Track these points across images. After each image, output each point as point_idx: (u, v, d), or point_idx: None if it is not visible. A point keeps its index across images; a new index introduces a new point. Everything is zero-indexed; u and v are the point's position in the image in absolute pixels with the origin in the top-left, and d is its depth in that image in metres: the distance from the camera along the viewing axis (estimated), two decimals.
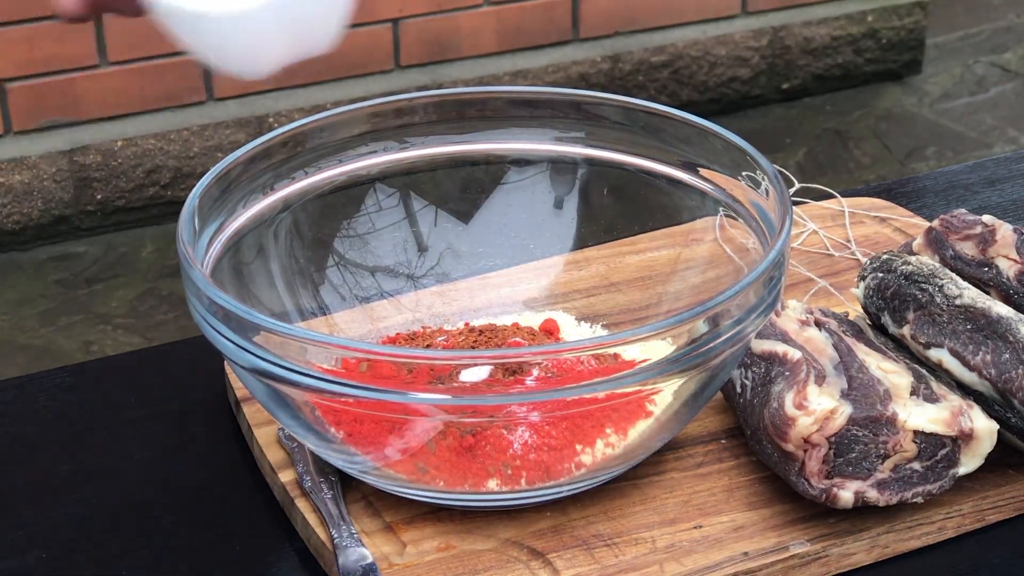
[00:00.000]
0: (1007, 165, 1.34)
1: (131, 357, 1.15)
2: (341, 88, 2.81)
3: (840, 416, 0.85)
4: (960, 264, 0.97)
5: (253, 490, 0.94)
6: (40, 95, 2.62)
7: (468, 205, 1.06)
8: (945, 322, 0.90)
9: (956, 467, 0.87)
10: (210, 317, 0.83)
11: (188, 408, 1.02)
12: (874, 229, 1.19)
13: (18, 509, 0.93)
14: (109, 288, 2.57)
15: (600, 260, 1.08)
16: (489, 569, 0.85)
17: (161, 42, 2.81)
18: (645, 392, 0.85)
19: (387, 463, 0.87)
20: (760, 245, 0.93)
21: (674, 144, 1.00)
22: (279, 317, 0.96)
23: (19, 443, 1.00)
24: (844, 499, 0.85)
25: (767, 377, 0.90)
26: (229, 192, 0.94)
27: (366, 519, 0.89)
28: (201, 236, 0.91)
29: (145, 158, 2.70)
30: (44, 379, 1.06)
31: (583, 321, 1.04)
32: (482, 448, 0.86)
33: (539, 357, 0.85)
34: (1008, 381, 0.87)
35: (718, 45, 3.10)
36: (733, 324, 0.83)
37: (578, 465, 0.87)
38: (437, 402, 0.81)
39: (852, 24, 3.22)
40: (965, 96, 3.26)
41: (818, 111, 3.19)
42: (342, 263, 1.04)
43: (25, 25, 2.57)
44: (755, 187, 0.94)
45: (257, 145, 0.96)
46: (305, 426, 0.87)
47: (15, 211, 2.64)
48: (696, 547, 0.86)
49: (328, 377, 0.80)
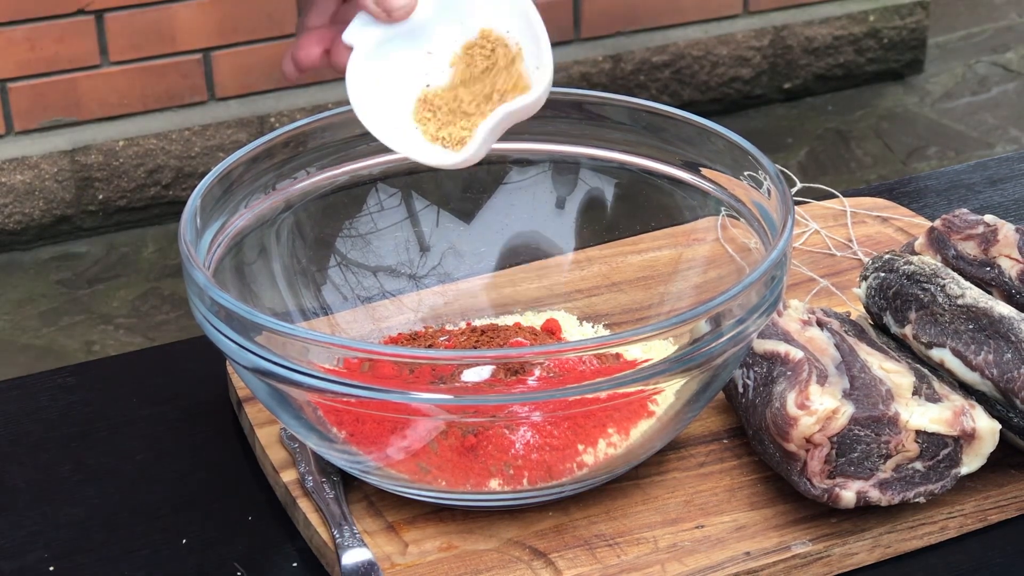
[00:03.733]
0: (1009, 165, 1.34)
1: (133, 357, 1.15)
2: (342, 88, 2.81)
3: (842, 416, 0.85)
4: (962, 264, 0.97)
5: (255, 490, 0.94)
6: (42, 95, 2.62)
7: (470, 205, 1.06)
8: (947, 322, 0.90)
9: (958, 467, 0.87)
10: (212, 317, 0.83)
11: (190, 408, 1.02)
12: (876, 229, 1.19)
13: (19, 509, 0.93)
14: (111, 288, 2.57)
15: (602, 260, 1.08)
16: (491, 569, 0.85)
17: (162, 42, 2.81)
18: (647, 392, 0.85)
19: (389, 463, 0.87)
20: (762, 245, 0.93)
21: (676, 144, 1.00)
22: (281, 317, 0.96)
23: (20, 443, 1.00)
24: (846, 499, 0.85)
25: (769, 377, 0.90)
26: (231, 192, 0.94)
27: (368, 519, 0.89)
28: (203, 236, 0.91)
29: (147, 158, 2.70)
30: (46, 379, 1.06)
31: (585, 321, 1.04)
32: (484, 448, 0.86)
33: (541, 357, 0.85)
34: (1010, 381, 0.87)
35: (720, 45, 3.10)
36: (735, 324, 0.83)
37: (580, 465, 0.87)
38: (439, 402, 0.81)
39: (854, 24, 3.22)
40: (967, 96, 3.26)
41: (820, 111, 3.19)
42: (344, 263, 1.04)
43: (26, 25, 2.57)
44: (757, 187, 0.94)
45: (259, 145, 0.96)
46: (307, 426, 0.87)
47: (17, 211, 2.64)
48: (698, 547, 0.86)
49: (330, 377, 0.80)
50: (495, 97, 0.88)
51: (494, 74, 0.87)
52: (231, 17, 2.70)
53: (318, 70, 0.89)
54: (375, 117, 0.89)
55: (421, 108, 0.89)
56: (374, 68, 0.89)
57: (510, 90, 0.87)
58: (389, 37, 0.88)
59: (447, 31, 0.89)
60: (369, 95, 0.89)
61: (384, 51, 0.88)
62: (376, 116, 0.89)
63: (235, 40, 2.72)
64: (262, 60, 2.76)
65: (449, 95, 0.89)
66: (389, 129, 0.89)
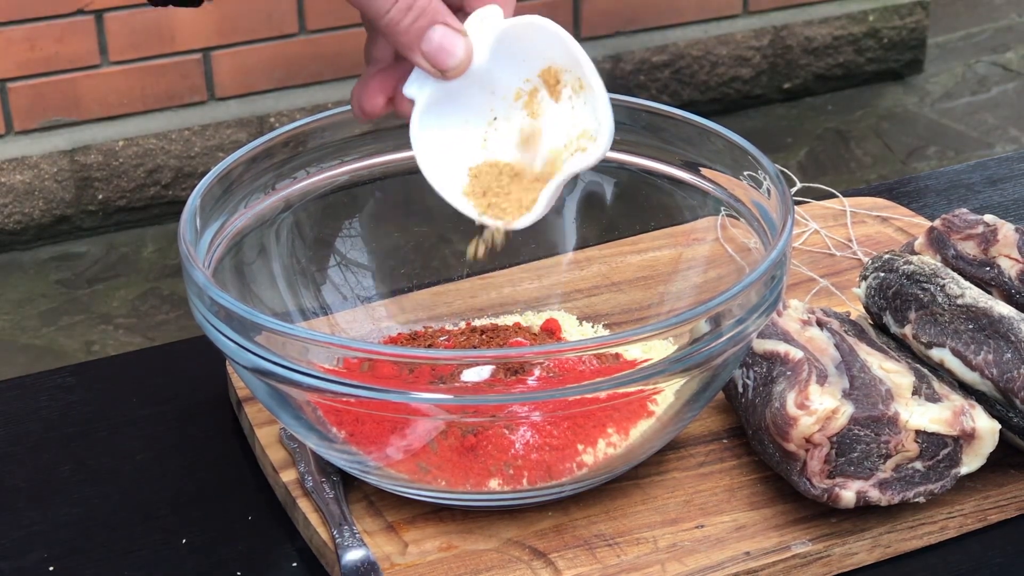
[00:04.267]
0: (1008, 164, 1.34)
1: (132, 357, 1.15)
2: (342, 88, 2.81)
3: (842, 416, 0.85)
4: (962, 264, 0.97)
5: (255, 490, 0.94)
6: (41, 95, 2.63)
7: None
8: (947, 322, 0.90)
9: (958, 467, 0.87)
10: (212, 317, 0.83)
11: (190, 408, 1.02)
12: (876, 229, 1.19)
13: (19, 509, 0.93)
14: (110, 288, 2.57)
15: (601, 260, 1.08)
16: (491, 569, 0.85)
17: (162, 42, 2.82)
18: (647, 392, 0.85)
19: (389, 463, 0.87)
20: (762, 245, 0.93)
21: (675, 144, 1.00)
22: (281, 317, 0.96)
23: (20, 443, 1.00)
24: (846, 499, 0.85)
25: (769, 377, 0.90)
26: (231, 192, 0.94)
27: (368, 519, 0.89)
28: (203, 236, 0.91)
29: (146, 158, 2.70)
30: (45, 379, 1.06)
31: (584, 321, 1.04)
32: (484, 448, 0.86)
33: (541, 357, 0.85)
34: (1010, 381, 0.87)
35: (719, 45, 3.10)
36: (735, 324, 0.83)
37: (580, 465, 0.87)
38: (439, 402, 0.81)
39: (853, 24, 3.22)
40: (966, 96, 3.26)
41: (819, 111, 3.19)
42: (344, 263, 1.04)
43: (26, 25, 2.57)
44: (757, 187, 0.94)
45: (259, 145, 0.96)
46: (307, 426, 0.87)
47: (16, 211, 2.64)
48: (698, 547, 0.86)
49: (330, 377, 0.80)
50: (562, 149, 0.86)
51: (557, 111, 0.86)
52: (231, 17, 2.70)
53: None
54: (440, 175, 0.86)
55: (474, 184, 0.87)
56: (437, 124, 0.86)
57: (575, 139, 0.85)
58: (449, 90, 0.85)
59: (508, 72, 0.86)
60: (433, 152, 0.86)
61: (445, 105, 0.85)
62: (441, 174, 0.86)
63: (235, 40, 2.73)
64: (262, 60, 2.76)
65: (500, 166, 0.87)
66: (452, 184, 0.87)
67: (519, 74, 0.86)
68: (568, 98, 0.85)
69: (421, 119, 0.85)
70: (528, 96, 0.86)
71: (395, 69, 0.85)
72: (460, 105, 0.86)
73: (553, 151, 0.86)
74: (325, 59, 2.79)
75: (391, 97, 0.85)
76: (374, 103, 0.86)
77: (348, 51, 2.79)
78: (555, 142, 0.86)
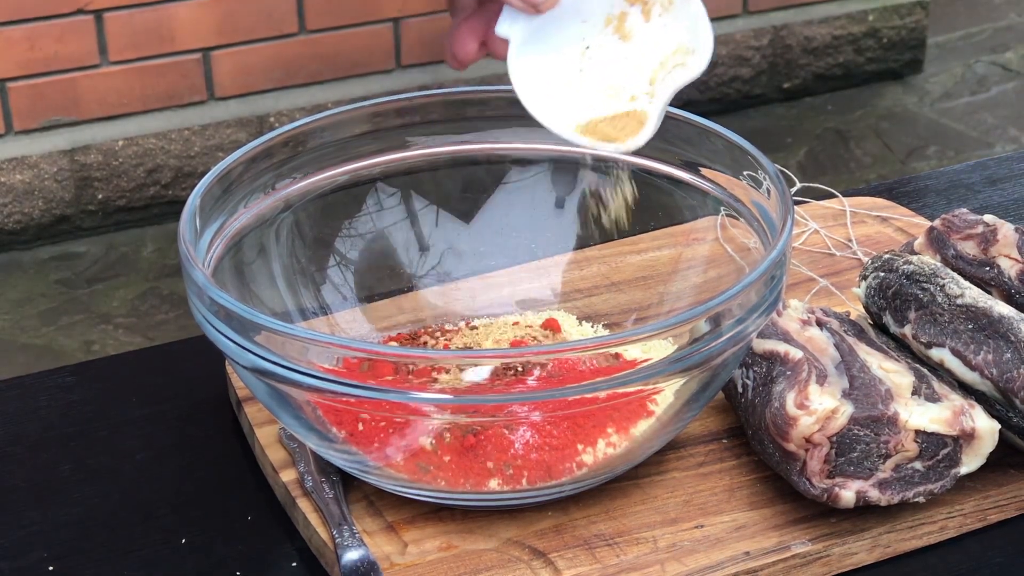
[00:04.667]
0: (1008, 164, 1.34)
1: (132, 357, 1.15)
2: (342, 88, 2.81)
3: (841, 416, 0.85)
4: (961, 263, 0.97)
5: (254, 490, 0.94)
6: (41, 94, 2.62)
7: (469, 205, 1.06)
8: (946, 322, 0.90)
9: (958, 467, 0.87)
10: (211, 317, 0.83)
11: (189, 408, 1.02)
12: (875, 229, 1.19)
13: (19, 509, 0.93)
14: (110, 288, 2.57)
15: (601, 260, 1.08)
16: (491, 569, 0.85)
17: (162, 41, 2.81)
18: (646, 392, 0.85)
19: (388, 463, 0.87)
20: (761, 244, 0.93)
21: (675, 143, 1.00)
22: (280, 317, 0.96)
23: (19, 443, 1.00)
24: (845, 499, 0.85)
25: (768, 377, 0.90)
26: (230, 192, 0.94)
27: (367, 519, 0.89)
28: (202, 236, 0.91)
29: (146, 157, 2.70)
30: (45, 379, 1.06)
31: (584, 321, 1.04)
32: (483, 448, 0.86)
33: (540, 357, 0.85)
34: (1010, 381, 0.87)
35: (719, 44, 3.10)
36: (734, 324, 0.83)
37: (579, 465, 0.87)
38: (439, 402, 0.81)
39: (853, 23, 3.22)
40: (966, 95, 3.26)
41: (819, 110, 3.19)
42: (343, 263, 1.04)
43: (25, 25, 2.57)
44: (756, 186, 0.94)
45: (258, 145, 0.96)
46: (306, 426, 0.87)
47: (16, 211, 2.64)
48: (698, 547, 0.86)
49: (329, 377, 0.80)
50: (659, 61, 0.86)
51: (648, 31, 0.86)
52: (231, 17, 2.70)
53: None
54: (544, 108, 0.87)
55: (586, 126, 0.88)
56: (533, 59, 0.87)
57: (670, 55, 0.86)
58: (541, 24, 0.86)
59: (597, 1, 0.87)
60: (534, 87, 0.87)
61: (540, 37, 0.86)
62: (545, 107, 0.87)
63: (235, 40, 2.72)
64: (262, 60, 2.76)
65: (604, 80, 0.87)
66: (559, 118, 0.87)
67: None
68: (658, 15, 0.86)
69: (518, 56, 0.85)
70: (618, 20, 0.87)
71: (482, 14, 0.87)
72: (553, 37, 0.86)
73: (652, 71, 0.87)
74: (325, 59, 2.79)
75: (483, 41, 0.86)
76: (468, 49, 0.86)
77: (348, 51, 2.79)
78: (651, 62, 0.86)
